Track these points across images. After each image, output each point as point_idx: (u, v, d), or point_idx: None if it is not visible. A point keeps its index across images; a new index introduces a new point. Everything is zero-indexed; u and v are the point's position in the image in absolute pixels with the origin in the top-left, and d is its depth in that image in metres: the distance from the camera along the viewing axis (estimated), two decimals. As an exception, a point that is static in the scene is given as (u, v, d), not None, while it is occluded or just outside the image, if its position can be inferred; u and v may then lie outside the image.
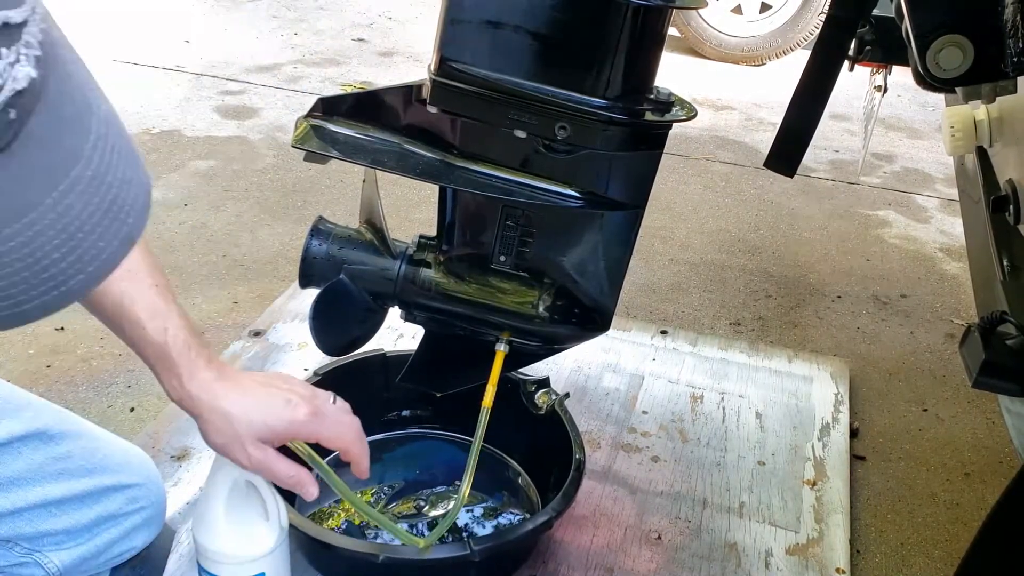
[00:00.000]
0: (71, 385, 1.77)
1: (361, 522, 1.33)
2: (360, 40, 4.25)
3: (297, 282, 1.22)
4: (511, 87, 1.01)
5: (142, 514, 1.07)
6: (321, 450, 0.99)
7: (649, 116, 1.05)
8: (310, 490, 0.96)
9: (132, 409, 1.71)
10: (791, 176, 1.44)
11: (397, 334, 1.75)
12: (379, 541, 1.28)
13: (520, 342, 1.23)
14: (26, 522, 0.98)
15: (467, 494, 1.19)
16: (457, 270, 1.20)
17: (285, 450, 0.96)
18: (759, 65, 4.32)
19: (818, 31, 1.40)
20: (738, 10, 4.28)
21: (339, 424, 0.98)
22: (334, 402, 0.99)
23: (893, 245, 2.68)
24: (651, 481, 1.51)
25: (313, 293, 1.18)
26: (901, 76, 1.45)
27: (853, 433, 1.74)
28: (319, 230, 1.20)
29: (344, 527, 1.33)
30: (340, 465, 1.03)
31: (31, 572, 1.00)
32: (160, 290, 0.88)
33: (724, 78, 4.13)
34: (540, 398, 1.32)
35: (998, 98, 1.06)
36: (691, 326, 2.13)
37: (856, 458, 1.70)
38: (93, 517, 1.02)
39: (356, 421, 1.00)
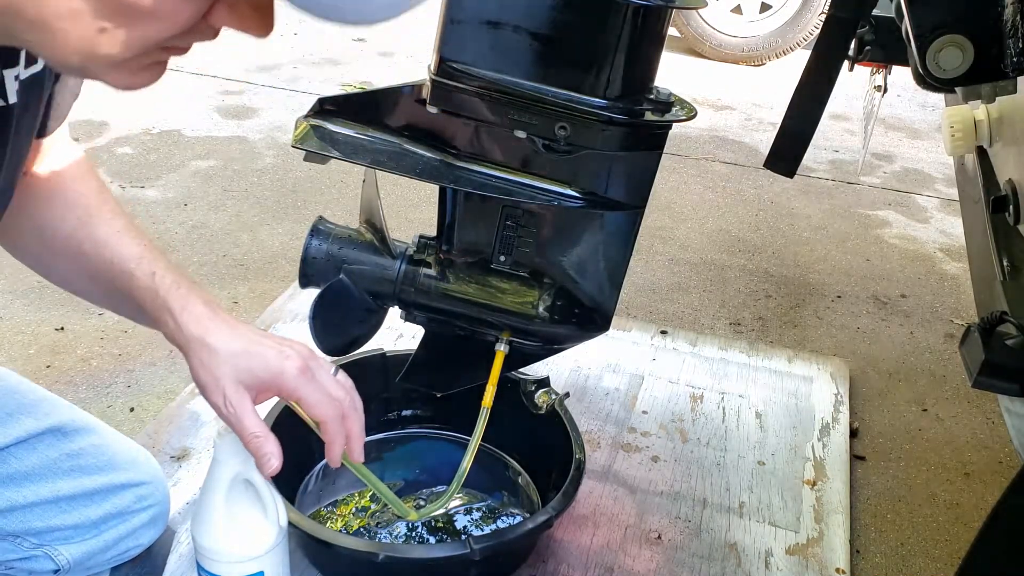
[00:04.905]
0: (71, 385, 1.77)
1: (358, 528, 1.33)
2: (360, 40, 4.25)
3: (297, 282, 1.22)
4: (511, 87, 1.00)
5: (149, 512, 1.08)
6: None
7: (649, 116, 1.05)
8: (271, 462, 0.87)
9: (132, 409, 1.71)
10: (791, 177, 1.44)
11: (397, 334, 1.75)
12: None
13: (520, 342, 1.23)
14: (37, 517, 0.99)
15: (467, 470, 1.19)
16: (457, 270, 1.19)
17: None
18: (759, 65, 4.32)
19: (818, 31, 1.40)
20: (738, 10, 4.28)
21: (325, 393, 0.90)
22: (335, 374, 0.92)
23: (893, 245, 2.68)
24: (651, 481, 1.51)
25: (313, 293, 1.18)
26: (901, 76, 1.45)
27: (853, 433, 1.74)
28: (319, 230, 1.20)
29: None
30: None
31: (41, 565, 1.01)
32: (148, 247, 0.92)
33: (724, 78, 4.13)
34: (540, 398, 1.32)
35: (998, 98, 1.05)
36: (691, 326, 2.13)
37: (856, 458, 1.70)
38: (102, 514, 1.03)
39: (347, 401, 0.92)
